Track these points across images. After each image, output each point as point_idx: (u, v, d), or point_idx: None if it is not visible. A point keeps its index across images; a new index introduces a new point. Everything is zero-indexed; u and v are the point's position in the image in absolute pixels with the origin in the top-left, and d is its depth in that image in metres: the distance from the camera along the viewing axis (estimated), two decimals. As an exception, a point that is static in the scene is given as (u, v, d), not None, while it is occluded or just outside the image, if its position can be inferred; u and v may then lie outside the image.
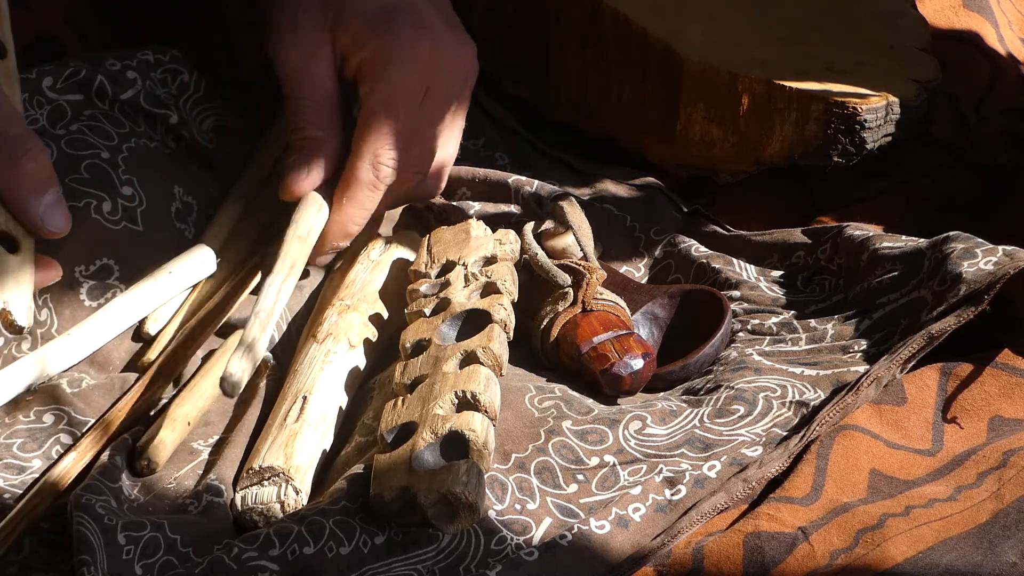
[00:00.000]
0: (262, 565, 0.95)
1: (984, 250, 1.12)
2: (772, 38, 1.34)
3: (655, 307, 1.17)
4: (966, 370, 1.10)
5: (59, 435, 1.08)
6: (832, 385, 1.09)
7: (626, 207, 1.29)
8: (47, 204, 1.01)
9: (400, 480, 0.97)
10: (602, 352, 1.10)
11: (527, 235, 1.17)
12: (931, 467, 1.06)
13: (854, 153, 1.28)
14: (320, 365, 1.09)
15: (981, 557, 0.97)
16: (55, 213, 1.01)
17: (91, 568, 0.95)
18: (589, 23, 1.33)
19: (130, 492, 1.03)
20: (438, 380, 1.03)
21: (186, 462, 1.07)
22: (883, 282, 1.15)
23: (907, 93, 1.29)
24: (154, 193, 1.19)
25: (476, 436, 0.98)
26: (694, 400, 1.09)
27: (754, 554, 0.99)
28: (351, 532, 0.97)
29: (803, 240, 1.23)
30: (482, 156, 1.34)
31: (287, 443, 1.04)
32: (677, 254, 1.25)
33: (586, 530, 1.00)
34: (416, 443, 0.99)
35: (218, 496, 1.02)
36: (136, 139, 1.21)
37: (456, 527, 0.97)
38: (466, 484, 0.96)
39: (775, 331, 1.16)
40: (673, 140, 1.32)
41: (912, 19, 1.37)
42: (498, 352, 1.05)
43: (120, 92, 1.22)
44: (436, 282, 1.14)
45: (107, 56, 1.23)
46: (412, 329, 1.10)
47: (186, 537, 0.99)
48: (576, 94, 1.37)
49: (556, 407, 1.07)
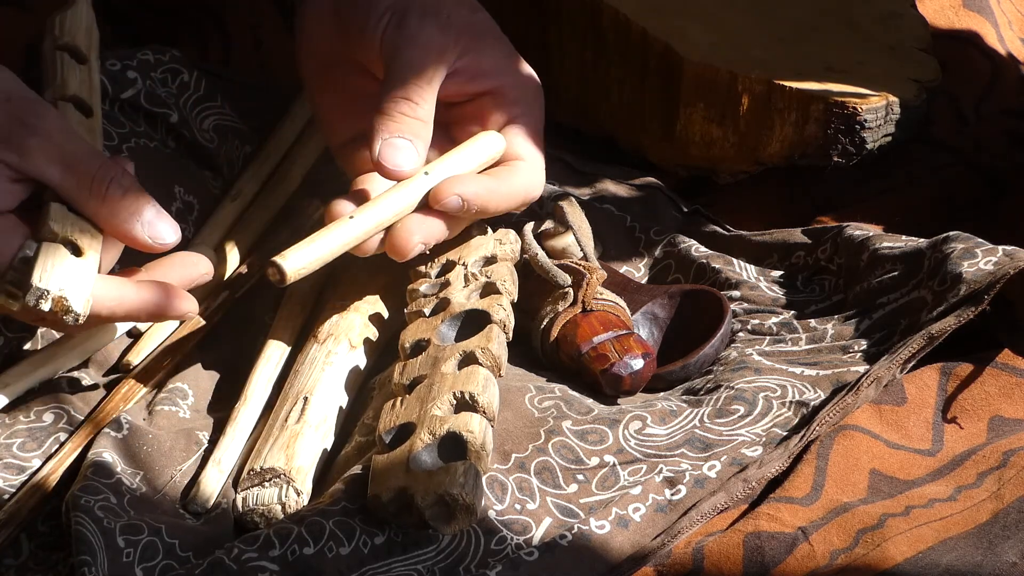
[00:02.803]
0: (262, 566, 0.95)
1: (984, 250, 1.12)
2: (772, 38, 1.34)
3: (655, 307, 1.17)
4: (966, 370, 1.10)
5: (59, 434, 1.08)
6: (832, 385, 1.09)
7: (626, 207, 1.29)
8: (147, 222, 1.03)
9: (398, 481, 0.97)
10: (602, 352, 1.10)
11: (527, 235, 1.17)
12: (931, 467, 1.06)
13: (854, 153, 1.28)
14: (321, 366, 1.09)
15: (981, 557, 0.97)
16: (157, 229, 1.03)
17: (92, 568, 0.95)
18: (589, 23, 1.33)
19: (131, 482, 1.03)
20: (436, 381, 1.03)
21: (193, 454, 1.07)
22: (883, 282, 1.15)
23: (907, 93, 1.28)
24: (154, 193, 1.18)
25: (474, 437, 0.98)
26: (694, 400, 1.09)
27: (754, 554, 0.99)
28: (351, 532, 0.97)
29: (803, 240, 1.23)
30: (482, 156, 1.34)
31: (288, 444, 1.04)
32: (677, 254, 1.25)
33: (586, 530, 1.00)
34: (414, 444, 0.99)
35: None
36: (136, 139, 1.21)
37: (453, 528, 0.97)
38: (463, 485, 0.95)
39: (775, 331, 1.16)
40: (673, 140, 1.32)
41: (912, 19, 1.37)
42: (497, 353, 1.05)
43: (120, 92, 1.22)
44: (436, 282, 1.13)
45: (107, 56, 1.23)
46: (411, 329, 1.10)
47: (185, 540, 0.99)
48: (576, 94, 1.37)
49: (556, 407, 1.07)
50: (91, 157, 1.03)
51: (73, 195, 1.02)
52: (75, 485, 1.01)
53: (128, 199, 1.02)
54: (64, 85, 1.10)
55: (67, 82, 1.10)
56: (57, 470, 1.04)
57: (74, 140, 1.03)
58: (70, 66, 1.11)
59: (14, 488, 1.04)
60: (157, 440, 1.07)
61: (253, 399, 1.10)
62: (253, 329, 1.18)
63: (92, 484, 1.00)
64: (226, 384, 1.13)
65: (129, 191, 1.03)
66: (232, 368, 1.15)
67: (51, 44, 1.12)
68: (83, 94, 1.10)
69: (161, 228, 1.03)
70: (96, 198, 1.02)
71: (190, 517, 1.02)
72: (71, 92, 1.10)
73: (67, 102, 1.09)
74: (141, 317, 1.04)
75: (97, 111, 1.11)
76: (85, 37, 1.13)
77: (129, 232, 1.02)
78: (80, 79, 1.11)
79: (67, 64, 1.11)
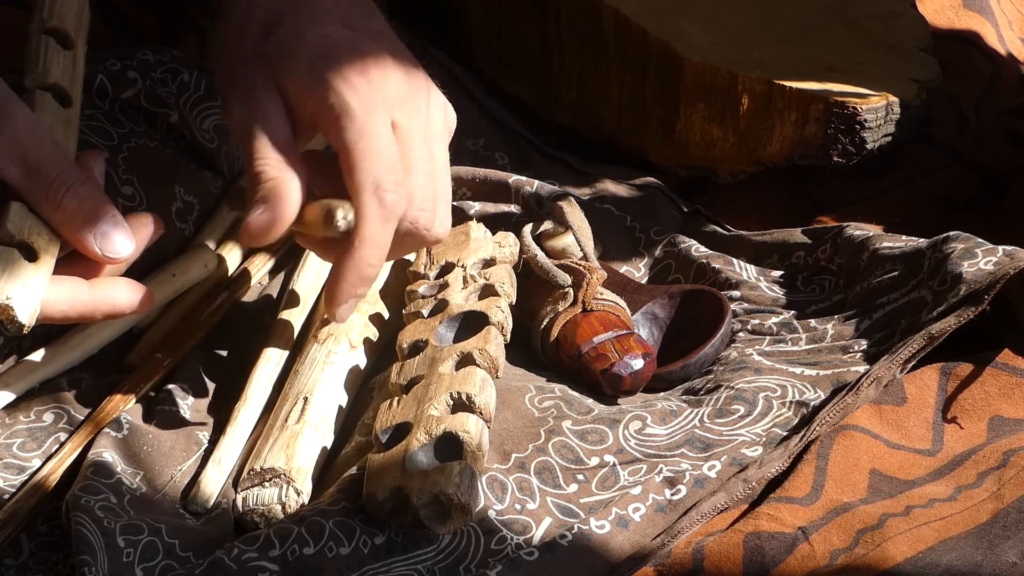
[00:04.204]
0: (262, 566, 0.95)
1: (984, 250, 1.12)
2: (772, 38, 1.34)
3: (655, 307, 1.17)
4: (966, 370, 1.10)
5: (59, 434, 1.08)
6: (832, 385, 1.09)
7: (626, 207, 1.29)
8: (101, 234, 1.01)
9: (393, 480, 0.97)
10: (602, 352, 1.10)
11: (526, 236, 1.17)
12: (931, 467, 1.06)
13: (854, 153, 1.28)
14: (321, 366, 1.09)
15: (981, 557, 0.97)
16: (111, 240, 1.01)
17: (92, 568, 0.95)
18: (589, 23, 1.34)
19: (131, 481, 1.03)
20: (434, 381, 1.03)
21: (193, 454, 1.07)
22: (883, 282, 1.15)
23: (907, 93, 1.29)
24: (154, 193, 1.19)
25: (470, 437, 0.98)
26: (694, 400, 1.09)
27: (754, 554, 0.99)
28: (351, 532, 0.97)
29: (803, 240, 1.23)
30: (482, 156, 1.34)
31: (288, 444, 1.04)
32: (677, 254, 1.25)
33: (586, 530, 1.00)
34: (410, 443, 0.99)
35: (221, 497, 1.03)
36: (136, 139, 1.21)
37: (448, 528, 0.97)
38: (459, 485, 0.95)
39: (775, 331, 1.16)
40: (673, 140, 1.32)
41: (912, 19, 1.37)
42: (494, 354, 1.05)
43: (120, 92, 1.22)
44: (435, 283, 1.14)
45: (107, 56, 1.23)
46: (409, 330, 1.10)
47: (185, 540, 0.99)
48: (576, 94, 1.37)
49: (556, 407, 1.07)
50: (53, 161, 1.01)
51: (32, 198, 1.00)
52: (75, 485, 1.01)
53: (84, 208, 1.00)
54: (46, 72, 1.07)
55: (49, 69, 1.07)
56: (57, 470, 1.04)
57: (40, 142, 1.01)
58: (54, 52, 1.08)
59: (14, 488, 1.04)
60: (157, 440, 1.07)
61: (253, 399, 1.10)
62: (253, 329, 1.18)
63: (92, 484, 1.00)
64: (226, 384, 1.13)
65: (87, 200, 1.01)
66: (232, 368, 1.15)
67: (38, 27, 1.09)
68: (64, 82, 1.07)
69: (115, 240, 1.01)
70: (52, 204, 1.00)
71: (190, 517, 1.02)
72: (52, 80, 1.07)
73: (46, 91, 1.06)
74: (96, 317, 1.03)
75: (77, 100, 1.08)
76: (74, 22, 1.10)
77: (81, 242, 1.00)
78: (63, 66, 1.08)
79: (52, 49, 1.08)
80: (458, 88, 1.38)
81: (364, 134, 1.02)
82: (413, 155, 1.04)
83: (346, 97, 1.02)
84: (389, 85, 1.04)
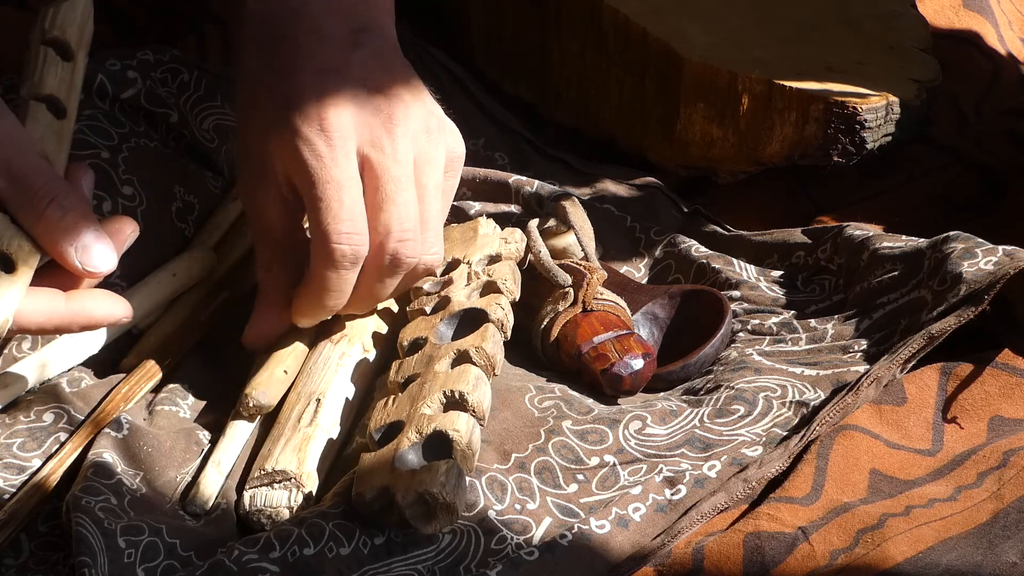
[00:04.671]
0: (262, 567, 0.95)
1: (984, 250, 1.12)
2: (772, 38, 1.34)
3: (655, 307, 1.17)
4: (966, 370, 1.10)
5: (59, 434, 1.08)
6: (832, 385, 1.09)
7: (626, 207, 1.29)
8: (82, 247, 1.00)
9: (381, 479, 0.96)
10: (602, 352, 1.10)
11: (532, 231, 1.16)
12: (931, 467, 1.06)
13: (854, 153, 1.28)
14: (335, 367, 1.09)
15: (981, 557, 0.97)
16: (92, 255, 1.00)
17: (92, 570, 0.94)
18: (589, 23, 1.34)
19: (131, 482, 1.03)
20: (429, 379, 1.03)
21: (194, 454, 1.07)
22: (883, 282, 1.15)
23: (907, 93, 1.29)
24: (154, 193, 1.19)
25: (460, 436, 0.98)
26: (694, 400, 1.09)
27: (754, 554, 0.99)
28: (351, 533, 0.97)
29: (803, 240, 1.23)
30: (482, 156, 1.34)
31: (300, 447, 1.03)
32: (677, 254, 1.25)
33: (586, 530, 1.00)
34: (401, 443, 0.98)
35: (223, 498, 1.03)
36: (136, 139, 1.21)
37: (434, 527, 0.96)
38: (444, 484, 0.95)
39: (775, 331, 1.16)
40: (673, 140, 1.32)
41: (912, 19, 1.37)
42: (491, 352, 1.04)
43: (120, 92, 1.22)
44: (439, 280, 1.13)
45: (107, 56, 1.23)
46: (411, 327, 1.10)
47: (186, 541, 0.99)
48: (576, 94, 1.37)
49: (556, 407, 1.07)
50: (37, 172, 1.00)
51: (15, 209, 0.99)
52: (75, 486, 1.01)
53: (67, 221, 0.99)
54: (41, 83, 1.06)
55: (45, 80, 1.06)
56: (57, 470, 1.04)
57: (24, 152, 1.00)
58: (52, 62, 1.07)
59: (14, 488, 1.04)
60: (157, 440, 1.07)
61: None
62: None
63: (92, 485, 1.00)
64: (226, 384, 1.13)
65: (69, 212, 0.99)
66: (232, 368, 1.15)
67: (38, 37, 1.08)
68: (60, 94, 1.06)
69: (96, 255, 1.00)
70: (34, 215, 0.99)
71: (190, 518, 1.02)
72: (47, 91, 1.06)
73: (40, 102, 1.05)
74: (73, 329, 1.02)
75: (72, 112, 1.07)
76: (76, 33, 1.09)
77: (62, 255, 0.99)
78: (60, 77, 1.07)
79: (50, 60, 1.07)
80: (458, 88, 1.38)
81: (315, 183, 1.05)
82: (387, 188, 1.06)
83: (299, 150, 1.05)
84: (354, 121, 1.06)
